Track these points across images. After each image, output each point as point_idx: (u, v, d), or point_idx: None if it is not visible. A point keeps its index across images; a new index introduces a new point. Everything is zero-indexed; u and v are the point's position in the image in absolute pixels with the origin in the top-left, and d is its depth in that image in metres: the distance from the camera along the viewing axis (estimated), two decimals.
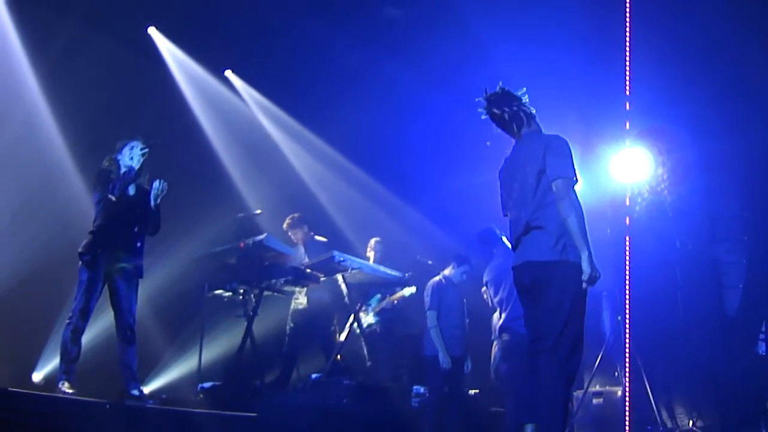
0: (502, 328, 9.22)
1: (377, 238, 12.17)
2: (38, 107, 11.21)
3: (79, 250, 8.05)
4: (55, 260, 10.09)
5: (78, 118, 11.39)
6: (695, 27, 10.18)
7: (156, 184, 8.23)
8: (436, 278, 10.24)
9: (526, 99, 6.41)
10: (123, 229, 8.10)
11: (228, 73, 13.82)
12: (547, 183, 6.06)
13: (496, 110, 6.39)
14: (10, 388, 6.99)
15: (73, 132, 11.39)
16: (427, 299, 10.07)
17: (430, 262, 11.84)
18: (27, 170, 10.92)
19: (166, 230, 8.76)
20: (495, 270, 9.60)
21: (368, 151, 13.57)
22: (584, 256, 5.87)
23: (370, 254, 11.99)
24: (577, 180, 6.11)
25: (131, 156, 8.14)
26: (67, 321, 7.93)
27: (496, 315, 9.62)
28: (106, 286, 8.09)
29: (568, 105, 6.45)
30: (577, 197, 6.03)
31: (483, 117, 6.47)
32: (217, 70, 13.55)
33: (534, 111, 6.42)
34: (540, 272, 6.05)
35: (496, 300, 9.49)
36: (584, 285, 5.89)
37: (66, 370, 7.79)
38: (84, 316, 7.88)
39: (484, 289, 9.82)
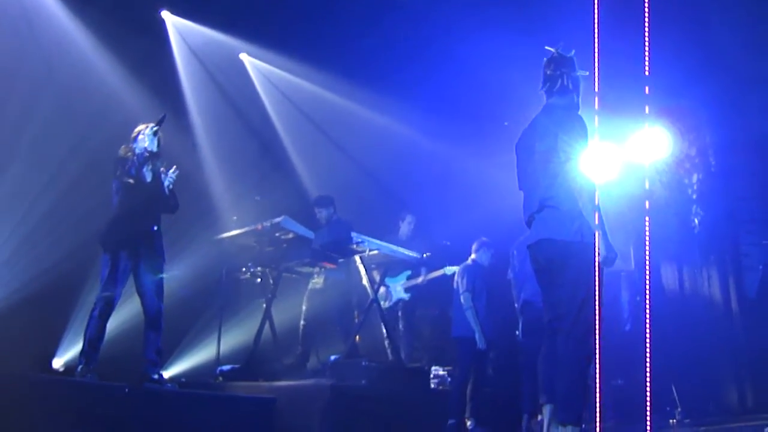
0: (525, 303, 9.16)
1: (410, 216, 12.14)
2: (71, 93, 11.16)
3: (99, 238, 8.10)
4: (82, 247, 10.11)
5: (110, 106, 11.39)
6: (720, 2, 10.07)
7: (169, 171, 8.25)
8: (468, 261, 10.22)
9: (578, 73, 6.34)
10: (140, 216, 8.11)
11: (243, 55, 13.76)
12: (560, 161, 5.99)
13: (546, 59, 6.36)
14: (30, 373, 7.04)
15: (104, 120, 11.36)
16: (461, 281, 10.05)
17: (447, 243, 11.84)
18: (66, 161, 10.89)
19: (183, 215, 8.79)
20: (525, 241, 9.46)
21: (397, 131, 13.52)
22: (599, 237, 5.79)
23: (404, 227, 12.00)
24: (590, 158, 6.02)
25: (143, 138, 8.16)
26: (92, 307, 7.97)
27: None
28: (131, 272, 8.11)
29: (586, 80, 6.40)
30: (589, 177, 5.93)
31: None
32: (232, 51, 13.50)
33: (571, 87, 6.30)
34: (556, 251, 6.00)
35: (520, 272, 9.39)
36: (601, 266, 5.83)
37: (87, 354, 7.82)
38: (108, 303, 7.92)
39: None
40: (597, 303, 5.74)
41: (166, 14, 12.63)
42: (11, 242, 10.37)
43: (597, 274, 5.77)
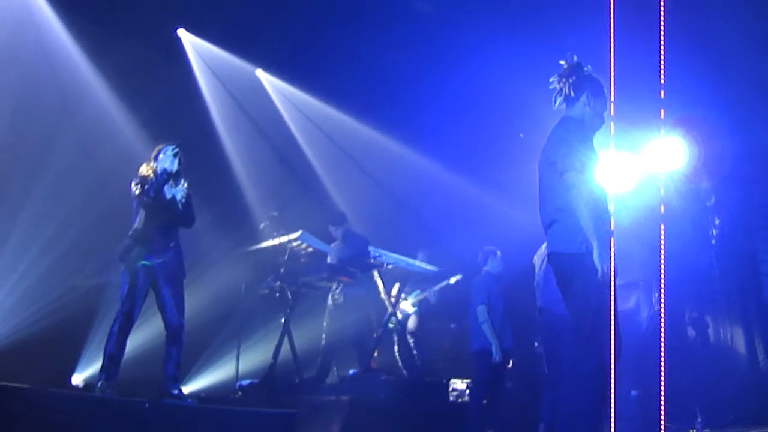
0: (540, 309, 9.13)
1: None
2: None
3: (118, 255, 8.15)
4: (102, 264, 10.22)
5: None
6: (735, 11, 10.06)
7: (178, 186, 8.29)
8: (482, 273, 10.20)
9: (581, 74, 6.27)
10: (159, 233, 8.15)
11: (259, 71, 13.81)
12: (563, 174, 5.97)
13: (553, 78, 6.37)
14: (50, 389, 7.07)
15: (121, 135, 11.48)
16: (475, 295, 10.03)
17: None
18: (85, 179, 11.00)
19: (201, 230, 8.85)
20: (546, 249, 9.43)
21: (412, 145, 13.55)
22: (595, 251, 5.77)
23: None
24: (602, 169, 6.02)
25: (164, 159, 8.23)
26: (112, 323, 8.01)
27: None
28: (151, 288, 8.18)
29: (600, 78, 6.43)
30: (592, 188, 5.92)
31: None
32: (248, 67, 13.56)
33: (573, 95, 6.23)
34: (564, 265, 6.02)
35: (538, 279, 9.38)
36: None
37: (107, 370, 7.86)
38: (128, 318, 7.95)
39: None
40: (611, 313, 5.71)
41: (182, 32, 12.72)
42: (37, 266, 10.49)
43: (612, 284, 5.76)
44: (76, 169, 10.92)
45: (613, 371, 5.76)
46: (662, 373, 5.90)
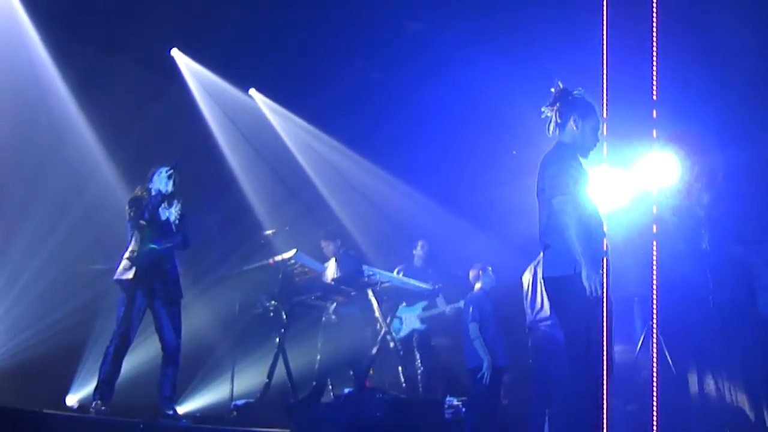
0: (529, 328, 9.17)
1: (422, 242, 12.21)
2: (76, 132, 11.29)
3: (114, 276, 8.15)
4: (97, 284, 10.20)
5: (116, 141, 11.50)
6: (726, 26, 10.10)
7: (171, 208, 8.30)
8: (475, 290, 10.20)
9: (575, 95, 6.36)
10: (154, 254, 8.17)
11: (252, 91, 13.82)
12: (550, 199, 6.07)
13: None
14: (44, 410, 7.05)
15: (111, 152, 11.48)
16: (468, 311, 10.03)
17: (459, 273, 11.86)
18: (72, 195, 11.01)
19: (195, 250, 8.84)
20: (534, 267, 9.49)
21: (403, 163, 13.56)
22: (583, 271, 5.84)
23: (417, 253, 12.12)
24: (591, 189, 6.08)
25: (158, 180, 8.24)
26: (108, 344, 7.99)
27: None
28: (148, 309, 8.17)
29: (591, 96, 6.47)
30: (579, 208, 6.00)
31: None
32: (241, 88, 13.57)
33: (560, 120, 6.35)
34: (556, 288, 6.14)
35: (526, 296, 9.41)
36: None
37: (102, 391, 7.84)
38: (124, 340, 7.96)
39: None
40: (605, 330, 5.74)
41: (176, 52, 12.73)
42: (35, 287, 10.48)
43: (605, 301, 5.79)
44: (69, 195, 10.92)
45: (605, 388, 5.78)
46: (654, 388, 5.92)
